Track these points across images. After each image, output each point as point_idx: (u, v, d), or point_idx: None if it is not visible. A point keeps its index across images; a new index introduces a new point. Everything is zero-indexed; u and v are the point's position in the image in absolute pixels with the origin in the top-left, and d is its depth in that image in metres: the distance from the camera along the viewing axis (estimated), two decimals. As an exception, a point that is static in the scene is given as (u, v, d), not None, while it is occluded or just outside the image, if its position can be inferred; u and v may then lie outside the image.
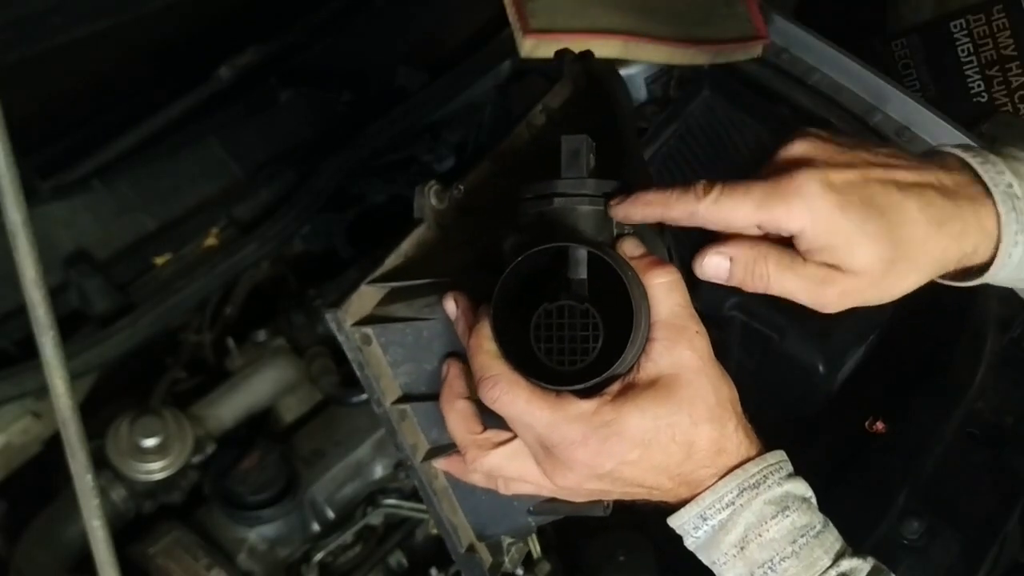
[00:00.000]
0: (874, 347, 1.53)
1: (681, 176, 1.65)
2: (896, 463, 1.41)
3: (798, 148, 0.77)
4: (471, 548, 0.93)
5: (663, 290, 0.76)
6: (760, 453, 0.79)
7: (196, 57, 1.52)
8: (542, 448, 0.76)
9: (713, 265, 0.77)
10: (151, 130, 1.49)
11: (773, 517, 0.77)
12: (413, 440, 0.87)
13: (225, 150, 1.62)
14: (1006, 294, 1.58)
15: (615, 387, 0.75)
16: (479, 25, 1.90)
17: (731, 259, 0.77)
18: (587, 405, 0.74)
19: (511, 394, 0.73)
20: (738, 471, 0.77)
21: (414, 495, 1.49)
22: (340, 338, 0.81)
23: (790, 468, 0.80)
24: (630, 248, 0.78)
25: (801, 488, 0.79)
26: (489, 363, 0.74)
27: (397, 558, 1.43)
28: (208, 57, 1.53)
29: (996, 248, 0.79)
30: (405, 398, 0.86)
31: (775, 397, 1.53)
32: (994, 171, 0.79)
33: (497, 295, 0.73)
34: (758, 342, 1.50)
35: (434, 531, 1.46)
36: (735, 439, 0.78)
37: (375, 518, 1.47)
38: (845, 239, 0.74)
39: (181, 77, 1.52)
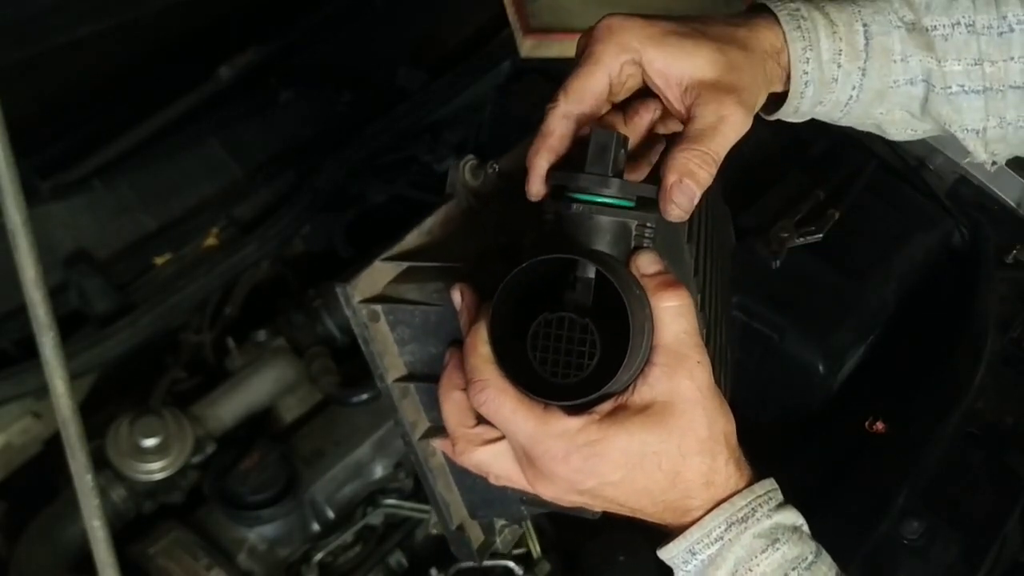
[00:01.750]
0: (874, 347, 1.53)
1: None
2: (896, 463, 1.41)
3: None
4: (461, 527, 0.93)
5: (670, 314, 0.74)
6: (749, 484, 0.78)
7: (196, 57, 1.52)
8: (525, 456, 0.76)
9: (679, 192, 0.77)
10: (151, 130, 1.49)
11: (763, 551, 0.75)
12: (413, 418, 0.87)
13: (225, 150, 1.62)
14: (1006, 294, 1.59)
15: (606, 406, 0.74)
16: (479, 25, 1.90)
17: (679, 176, 0.76)
18: (573, 422, 0.73)
19: (497, 401, 0.73)
20: (726, 504, 0.76)
21: (414, 495, 1.49)
22: (348, 312, 0.81)
23: (780, 497, 0.79)
24: (645, 264, 0.76)
25: (791, 517, 0.78)
26: (480, 366, 0.74)
27: (397, 558, 1.43)
28: (208, 57, 1.54)
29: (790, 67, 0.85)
30: (409, 377, 0.85)
31: (775, 397, 1.53)
32: (788, 6, 0.85)
33: (497, 299, 0.72)
34: (758, 342, 1.50)
35: (434, 531, 1.47)
36: (724, 473, 0.76)
37: (375, 518, 1.47)
38: (677, 44, 0.80)
39: (181, 77, 1.52)
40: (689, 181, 0.76)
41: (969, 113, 0.88)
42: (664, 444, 0.73)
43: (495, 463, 0.78)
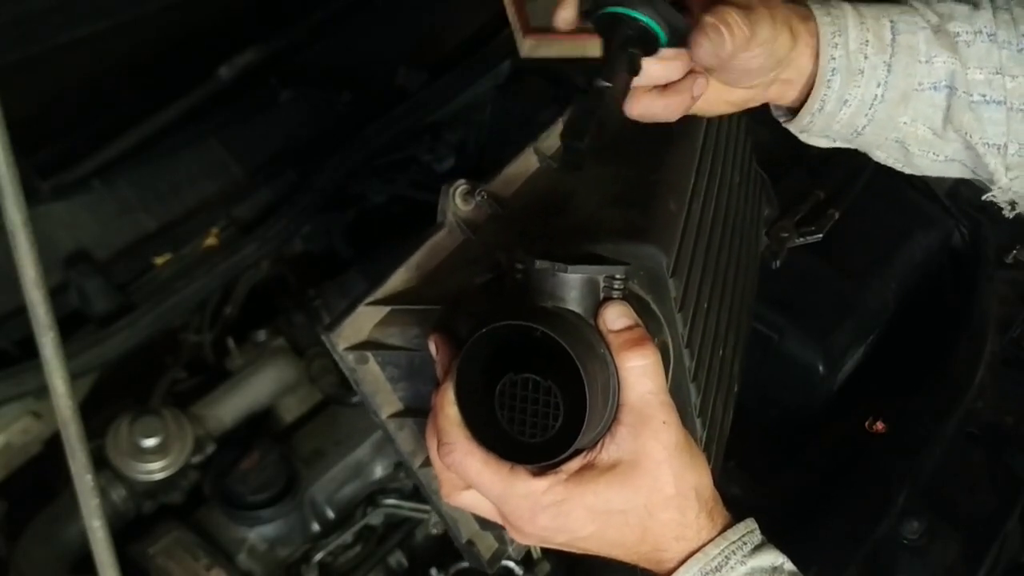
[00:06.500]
0: (874, 347, 1.53)
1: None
2: (896, 463, 1.41)
3: None
4: (471, 541, 0.94)
5: (635, 374, 0.74)
6: (724, 531, 0.77)
7: (196, 57, 1.52)
8: (498, 511, 0.77)
9: (715, 32, 0.76)
10: (151, 130, 1.49)
11: None
12: (412, 447, 0.88)
13: (225, 150, 1.62)
14: (1006, 294, 1.59)
15: (574, 464, 0.74)
16: (479, 25, 1.90)
17: (718, 22, 0.76)
18: (538, 484, 0.73)
19: (463, 464, 0.73)
20: (699, 555, 0.76)
21: (414, 495, 1.49)
22: (335, 357, 0.82)
23: (756, 539, 0.78)
24: (612, 319, 0.75)
25: (769, 559, 0.77)
26: (447, 428, 0.74)
27: (397, 558, 1.43)
28: (208, 57, 1.54)
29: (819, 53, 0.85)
30: (404, 412, 0.86)
31: (775, 397, 1.53)
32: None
33: (461, 363, 0.72)
34: (758, 342, 1.50)
35: (434, 531, 1.47)
36: (696, 525, 0.76)
37: (375, 518, 1.47)
38: None
39: (181, 77, 1.52)
40: (725, 30, 0.76)
41: (991, 126, 0.88)
42: (630, 503, 0.74)
43: (480, 505, 0.79)
